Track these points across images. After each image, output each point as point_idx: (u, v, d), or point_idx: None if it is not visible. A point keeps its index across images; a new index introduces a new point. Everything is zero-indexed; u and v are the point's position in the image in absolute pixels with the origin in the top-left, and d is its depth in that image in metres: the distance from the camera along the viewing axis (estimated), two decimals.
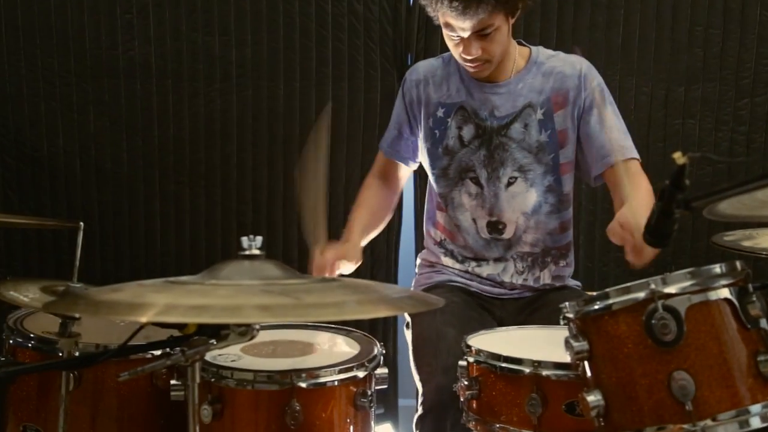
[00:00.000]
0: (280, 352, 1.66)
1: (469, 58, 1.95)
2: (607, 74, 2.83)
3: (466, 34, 1.91)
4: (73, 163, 2.90)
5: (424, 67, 2.15)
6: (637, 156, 2.02)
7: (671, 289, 1.24)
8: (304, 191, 1.78)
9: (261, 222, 2.89)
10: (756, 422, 1.20)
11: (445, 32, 1.96)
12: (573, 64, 2.06)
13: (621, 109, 2.83)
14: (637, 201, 1.78)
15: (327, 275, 1.89)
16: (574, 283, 2.18)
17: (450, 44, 1.99)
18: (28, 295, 1.61)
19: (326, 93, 2.87)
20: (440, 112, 2.08)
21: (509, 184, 2.05)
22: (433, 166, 2.11)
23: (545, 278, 2.11)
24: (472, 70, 2.00)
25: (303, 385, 1.49)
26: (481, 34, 1.91)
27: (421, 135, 2.12)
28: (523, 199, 2.06)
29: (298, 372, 1.49)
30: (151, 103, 2.88)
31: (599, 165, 2.01)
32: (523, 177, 2.05)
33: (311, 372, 1.50)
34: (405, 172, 2.24)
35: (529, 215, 2.07)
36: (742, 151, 2.87)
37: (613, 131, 2.02)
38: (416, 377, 1.93)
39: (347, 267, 1.96)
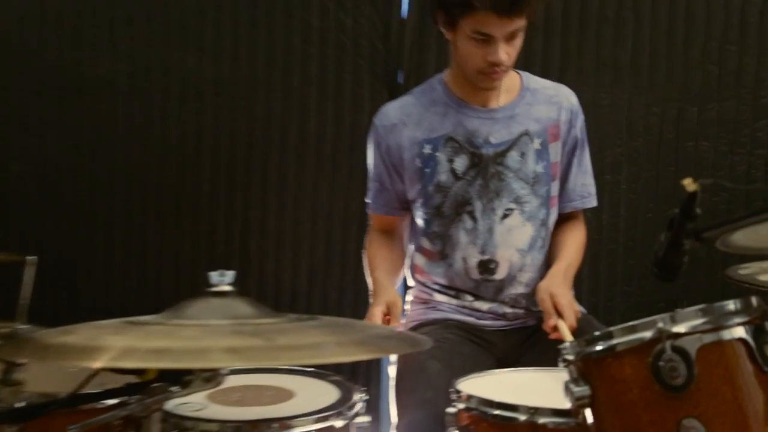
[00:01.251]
0: (249, 400, 1.65)
1: (498, 62, 1.97)
2: (615, 93, 2.89)
3: (501, 35, 1.94)
4: (26, 188, 2.90)
5: (394, 109, 2.17)
6: (595, 204, 2.24)
7: (681, 328, 1.24)
8: None
9: (233, 255, 2.89)
10: None
11: (467, 39, 1.97)
12: (567, 97, 2.16)
13: (629, 130, 2.90)
14: (559, 266, 2.06)
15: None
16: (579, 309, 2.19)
17: (470, 52, 1.99)
18: None
19: (310, 113, 2.89)
20: (427, 149, 2.10)
21: (504, 216, 2.07)
22: (425, 205, 2.13)
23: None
24: (491, 79, 2.03)
25: None
26: (511, 36, 1.96)
27: (406, 179, 2.14)
28: (520, 234, 2.09)
29: (268, 422, 1.47)
30: (116, 125, 2.89)
31: (564, 206, 2.19)
32: (520, 209, 2.08)
33: (284, 422, 1.48)
34: (402, 221, 2.25)
35: (525, 252, 2.09)
36: (761, 176, 2.89)
37: (587, 176, 2.21)
38: (392, 414, 1.94)
39: (397, 315, 1.98)
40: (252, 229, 2.90)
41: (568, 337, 1.82)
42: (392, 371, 2.07)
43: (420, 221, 2.16)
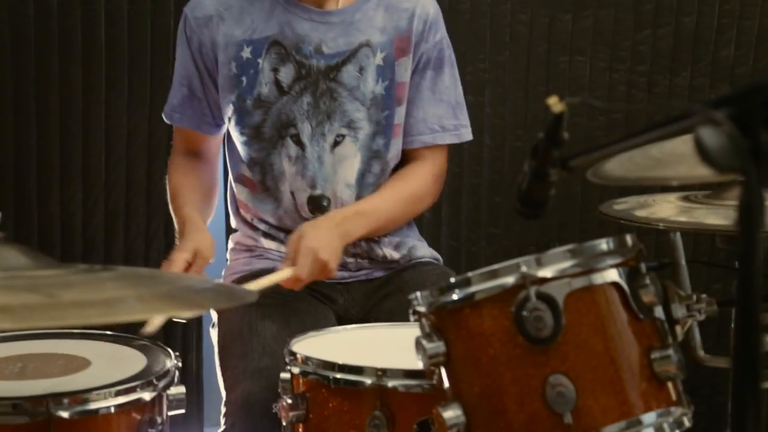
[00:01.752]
0: (32, 371, 1.61)
1: None
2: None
3: None
4: None
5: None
6: (448, 142, 2.20)
7: (547, 272, 1.28)
8: None
9: (4, 194, 2.77)
10: None
11: None
12: (423, 4, 2.13)
13: (494, 42, 2.96)
14: (344, 211, 2.04)
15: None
16: (430, 254, 2.25)
17: None
18: None
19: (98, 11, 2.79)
20: (247, 52, 2.06)
21: (335, 144, 2.07)
22: (241, 123, 2.10)
23: (387, 250, 2.17)
24: None
25: (65, 414, 1.43)
26: None
27: (220, 87, 2.10)
28: (350, 166, 2.10)
29: (57, 397, 1.44)
30: None
31: (409, 140, 2.16)
32: (353, 136, 2.08)
33: (77, 396, 1.46)
34: (214, 143, 2.21)
35: (353, 187, 2.11)
36: (642, 97, 3.03)
37: (442, 106, 2.16)
38: (221, 386, 1.94)
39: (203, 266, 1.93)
40: (28, 158, 2.78)
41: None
42: (214, 335, 2.07)
43: (237, 144, 2.14)
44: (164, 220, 2.88)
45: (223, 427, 1.86)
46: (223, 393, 1.93)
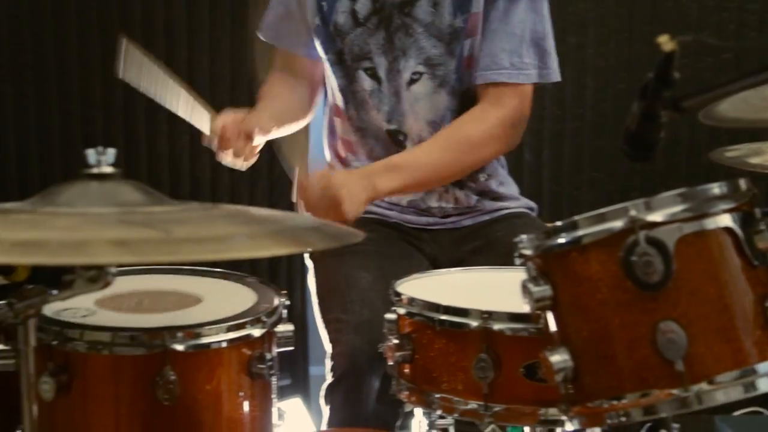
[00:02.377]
0: (147, 306, 1.64)
1: None
2: None
3: None
4: None
5: None
6: (520, 82, 2.02)
7: (656, 217, 1.25)
8: None
9: (117, 133, 2.83)
10: (764, 384, 1.23)
11: None
12: None
13: None
14: (383, 164, 1.93)
15: (233, 144, 1.90)
16: (524, 204, 2.20)
17: None
18: None
19: None
20: None
21: (412, 81, 2.03)
22: (326, 49, 2.08)
23: (479, 191, 2.13)
24: None
25: (179, 347, 1.46)
26: None
27: (311, 6, 2.08)
28: (432, 104, 2.04)
29: (172, 330, 1.46)
30: None
31: (474, 75, 2.03)
32: (431, 73, 2.02)
33: (190, 330, 1.48)
34: (309, 65, 2.18)
35: (437, 125, 2.05)
36: (754, 36, 2.92)
37: (514, 40, 2.00)
38: (323, 337, 1.95)
39: (257, 136, 1.94)
40: (139, 104, 2.83)
41: None
42: (312, 284, 2.07)
43: (328, 70, 2.12)
44: (268, 159, 2.90)
45: (330, 380, 1.87)
46: (327, 345, 1.93)
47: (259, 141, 1.95)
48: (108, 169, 1.24)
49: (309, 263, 2.10)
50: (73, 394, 1.48)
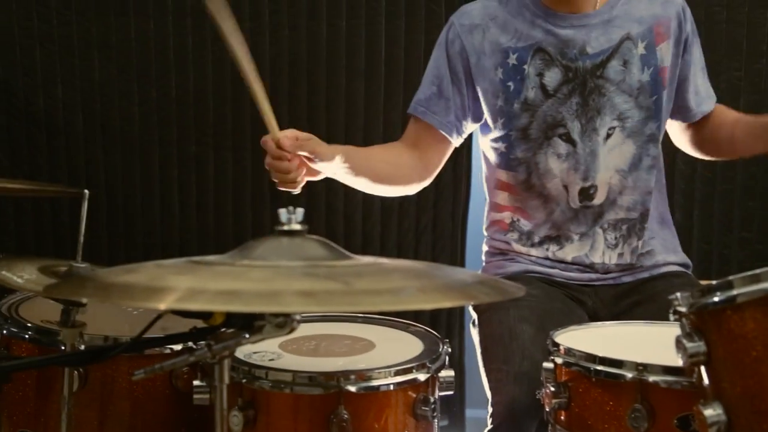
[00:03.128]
0: (324, 350, 1.68)
1: None
2: (732, 6, 2.80)
3: None
4: (74, 118, 2.97)
5: (477, 9, 2.11)
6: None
7: None
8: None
9: (300, 192, 2.91)
10: None
11: None
12: None
13: (750, 50, 2.82)
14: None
15: (290, 143, 1.84)
16: (681, 261, 2.16)
17: None
18: (23, 276, 1.63)
19: (378, 33, 2.87)
20: (512, 59, 2.05)
21: (608, 136, 2.03)
22: (508, 127, 2.08)
23: (643, 249, 2.10)
24: (569, 8, 2.01)
25: (352, 389, 1.50)
26: None
27: (480, 91, 2.09)
28: (620, 153, 2.05)
29: (346, 373, 1.51)
30: (167, 47, 2.92)
31: (695, 113, 2.15)
32: (621, 126, 2.04)
33: (362, 373, 1.52)
34: (442, 147, 2.16)
35: (626, 172, 2.06)
36: None
37: (705, 74, 2.17)
38: (485, 385, 1.94)
39: (315, 162, 1.88)
40: None
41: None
42: (475, 335, 2.07)
43: (497, 149, 2.12)
44: (432, 216, 2.93)
45: (490, 427, 1.84)
46: (488, 393, 1.91)
47: (319, 167, 1.91)
48: (297, 227, 1.28)
49: (473, 315, 2.10)
50: (258, 428, 1.54)
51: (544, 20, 2.05)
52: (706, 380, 1.30)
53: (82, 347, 1.57)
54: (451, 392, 1.65)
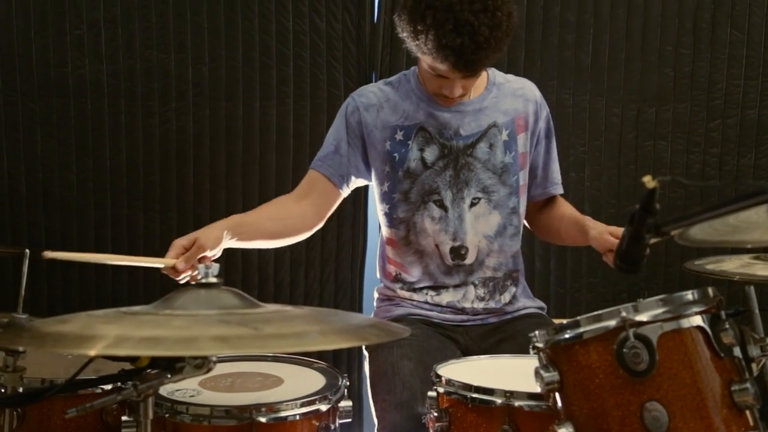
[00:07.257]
0: (239, 386, 1.65)
1: (453, 96, 2.00)
2: (576, 94, 2.91)
3: (457, 78, 1.94)
4: (17, 185, 2.87)
5: (373, 92, 2.14)
6: (561, 192, 2.26)
7: (643, 317, 1.25)
8: None
9: None
10: None
11: (426, 69, 1.97)
12: (531, 90, 2.18)
13: (592, 130, 2.93)
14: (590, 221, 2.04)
15: (184, 264, 1.80)
16: (537, 305, 2.20)
17: (428, 78, 2.02)
18: None
19: (288, 113, 2.88)
20: (399, 135, 2.09)
21: (472, 204, 2.08)
22: (393, 190, 2.11)
23: (505, 300, 2.14)
24: (444, 103, 2.06)
25: (263, 419, 1.47)
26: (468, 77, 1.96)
27: (371, 157, 2.11)
28: (486, 222, 2.09)
29: (258, 406, 1.48)
30: (102, 123, 2.87)
31: (543, 192, 2.21)
32: (487, 198, 2.08)
33: (272, 406, 1.49)
34: (333, 196, 2.13)
35: (493, 238, 2.10)
36: (714, 174, 2.94)
37: (556, 164, 2.23)
38: (373, 414, 1.93)
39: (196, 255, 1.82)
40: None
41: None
42: (367, 370, 2.06)
43: (386, 209, 2.13)
44: (335, 267, 2.93)
45: None
46: (375, 420, 1.91)
47: (214, 253, 1.86)
48: (213, 280, 1.26)
49: (366, 353, 2.09)
50: None
51: (427, 104, 2.09)
52: (560, 404, 1.32)
53: (21, 389, 1.50)
54: (349, 419, 1.63)
